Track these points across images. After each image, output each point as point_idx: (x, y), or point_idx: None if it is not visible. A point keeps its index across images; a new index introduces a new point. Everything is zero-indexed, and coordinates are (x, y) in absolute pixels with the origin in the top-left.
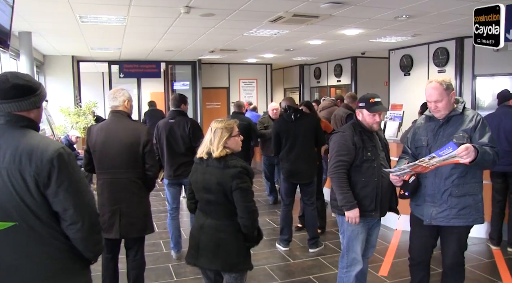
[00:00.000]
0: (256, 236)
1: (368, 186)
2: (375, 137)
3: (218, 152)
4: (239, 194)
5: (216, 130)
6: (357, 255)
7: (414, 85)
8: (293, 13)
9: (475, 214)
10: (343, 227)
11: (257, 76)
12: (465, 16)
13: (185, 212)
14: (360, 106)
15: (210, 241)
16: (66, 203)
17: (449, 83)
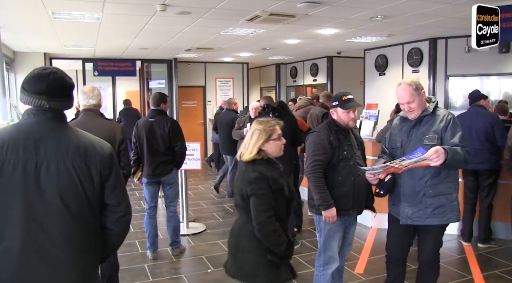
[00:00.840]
0: (283, 251)
1: (345, 185)
2: (350, 136)
3: (250, 155)
4: (253, 201)
5: (254, 132)
6: (334, 254)
7: (389, 85)
8: (270, 12)
9: (450, 213)
10: (320, 226)
11: (233, 75)
12: (438, 17)
13: (162, 212)
14: (334, 105)
15: (232, 245)
16: (122, 196)
17: (418, 83)
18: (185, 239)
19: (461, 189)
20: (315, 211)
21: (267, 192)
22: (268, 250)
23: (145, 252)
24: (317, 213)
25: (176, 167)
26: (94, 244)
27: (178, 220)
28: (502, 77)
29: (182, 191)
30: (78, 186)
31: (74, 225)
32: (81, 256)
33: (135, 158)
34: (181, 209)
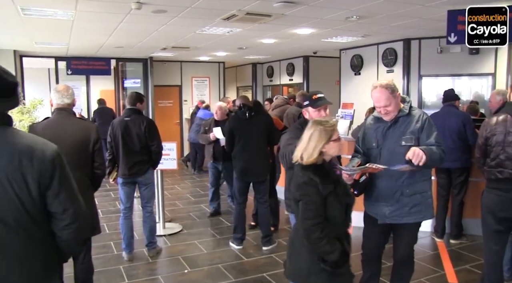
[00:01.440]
0: (335, 260)
1: None
2: None
3: (310, 159)
4: (300, 206)
5: (314, 133)
6: None
7: (364, 85)
8: (246, 12)
9: (425, 210)
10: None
11: (209, 74)
12: (412, 18)
13: (138, 212)
14: (305, 105)
15: (289, 247)
16: (67, 203)
17: (393, 86)
18: (162, 240)
19: (433, 186)
20: (291, 210)
21: (315, 198)
22: (320, 258)
23: (121, 254)
24: (293, 212)
25: (152, 167)
26: (43, 253)
27: (154, 221)
28: (472, 77)
29: (158, 191)
30: (13, 200)
31: (12, 237)
32: (24, 268)
33: (110, 158)
34: (157, 210)
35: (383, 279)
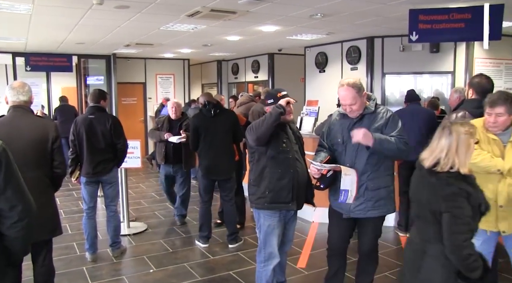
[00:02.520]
0: (478, 277)
1: (285, 177)
2: (288, 130)
3: (466, 168)
4: (447, 219)
5: (462, 137)
6: (274, 249)
7: (328, 82)
8: (211, 8)
9: (389, 205)
10: (260, 222)
11: (174, 71)
12: (375, 17)
13: (102, 212)
14: (270, 103)
15: (412, 261)
16: (15, 200)
17: (360, 85)
18: (126, 239)
19: (396, 182)
20: (254, 206)
21: (467, 210)
22: (458, 274)
23: (84, 254)
24: (256, 207)
25: (117, 165)
26: None
27: (118, 220)
28: (433, 75)
29: (122, 190)
30: None
31: None
32: None
33: (73, 156)
34: (122, 209)
35: (348, 274)
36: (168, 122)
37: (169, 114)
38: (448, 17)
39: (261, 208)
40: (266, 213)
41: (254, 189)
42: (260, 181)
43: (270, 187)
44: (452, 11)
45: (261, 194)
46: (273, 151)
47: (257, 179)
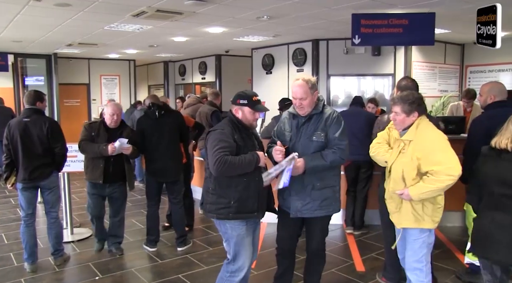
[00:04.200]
0: None
1: (250, 186)
2: (252, 136)
3: None
4: None
5: None
6: (246, 261)
7: (275, 83)
8: (157, 9)
9: (334, 204)
10: (227, 234)
11: (119, 72)
12: (319, 20)
13: (42, 219)
14: (242, 104)
15: (505, 235)
16: None
17: (314, 83)
18: (70, 246)
19: (343, 181)
20: (216, 217)
21: None
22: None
23: (22, 265)
24: (218, 218)
25: (57, 170)
26: None
27: (60, 227)
28: (375, 77)
29: (65, 195)
30: None
31: None
32: None
33: (8, 162)
34: (64, 215)
35: (297, 272)
36: (105, 130)
37: (106, 121)
38: (387, 22)
39: (224, 218)
40: (232, 223)
41: (213, 198)
42: (223, 191)
43: (236, 197)
44: (391, 17)
45: (225, 204)
46: None
47: (219, 188)
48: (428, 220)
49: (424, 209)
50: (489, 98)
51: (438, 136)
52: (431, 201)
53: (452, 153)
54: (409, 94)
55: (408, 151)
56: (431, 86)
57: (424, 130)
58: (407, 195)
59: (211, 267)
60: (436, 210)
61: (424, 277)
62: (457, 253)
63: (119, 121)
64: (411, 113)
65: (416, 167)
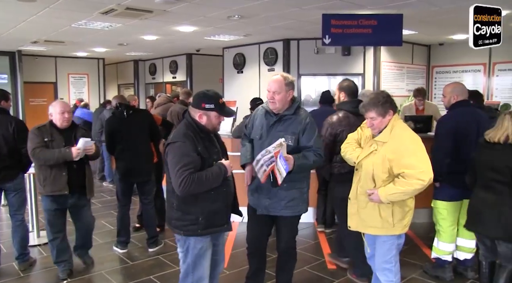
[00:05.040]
0: None
1: (219, 199)
2: (214, 141)
3: None
4: None
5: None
6: (204, 272)
7: (247, 83)
8: (126, 6)
9: (301, 205)
10: (187, 245)
11: (88, 71)
12: (290, 20)
13: (6, 222)
14: (208, 108)
15: (492, 213)
16: None
17: (291, 81)
18: (36, 250)
19: (314, 180)
20: (183, 233)
21: None
22: None
23: None
24: (186, 235)
25: (23, 171)
26: None
27: (26, 230)
28: (345, 77)
29: (31, 197)
30: None
31: None
32: None
33: None
34: (30, 217)
35: (269, 271)
36: (58, 133)
37: (56, 122)
38: (357, 23)
39: (192, 235)
40: (196, 237)
41: (178, 214)
42: (188, 207)
43: (204, 212)
44: (360, 18)
45: (192, 221)
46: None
47: (184, 205)
48: (398, 227)
49: (394, 216)
50: (453, 98)
51: (412, 139)
52: (400, 205)
53: (425, 157)
54: (377, 95)
55: (380, 152)
56: (399, 86)
57: (398, 132)
58: (376, 195)
59: None
60: (406, 214)
61: (393, 276)
62: (424, 248)
63: (71, 120)
64: (386, 113)
65: (387, 169)
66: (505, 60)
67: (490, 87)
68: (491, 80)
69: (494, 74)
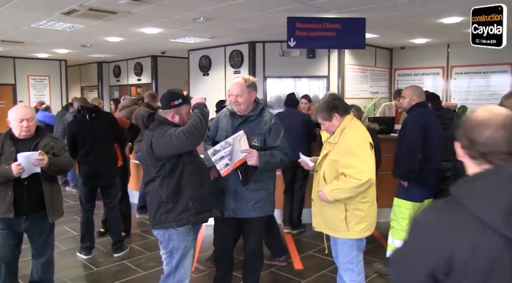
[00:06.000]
0: None
1: (205, 183)
2: None
3: None
4: None
5: None
6: (187, 271)
7: (212, 85)
8: (89, 7)
9: (268, 206)
10: (171, 246)
11: (49, 73)
12: (255, 23)
13: None
14: (177, 104)
15: None
16: None
17: (252, 82)
18: None
19: (280, 181)
20: (175, 225)
21: None
22: None
23: None
24: (179, 225)
25: None
26: None
27: None
28: (311, 79)
29: None
30: None
31: None
32: None
33: None
34: None
35: (236, 273)
36: (12, 144)
37: (14, 131)
38: (321, 26)
39: (185, 223)
40: (181, 233)
41: (169, 206)
42: (178, 195)
43: (194, 197)
44: (324, 21)
45: (183, 207)
46: (188, 157)
47: (173, 194)
48: (353, 231)
49: (348, 221)
50: (413, 100)
51: (356, 140)
52: (353, 209)
53: (366, 158)
54: (321, 102)
55: (331, 153)
56: (363, 88)
57: (346, 133)
58: (323, 192)
59: (149, 272)
60: (362, 220)
61: (357, 276)
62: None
63: (33, 129)
64: (332, 117)
65: (335, 169)
66: (461, 64)
67: (449, 90)
68: (449, 83)
69: (452, 77)
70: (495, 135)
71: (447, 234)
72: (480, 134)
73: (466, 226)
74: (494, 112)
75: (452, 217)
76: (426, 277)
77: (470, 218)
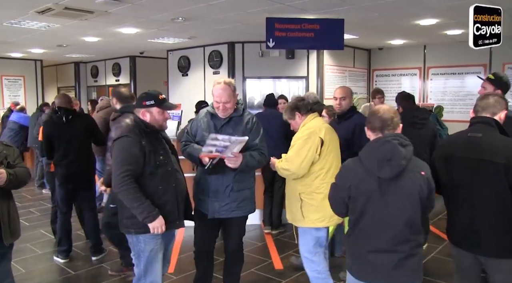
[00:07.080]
0: None
1: (167, 193)
2: (162, 140)
3: None
4: None
5: None
6: (157, 276)
7: (192, 86)
8: (65, 6)
9: (251, 205)
10: (138, 248)
11: (24, 73)
12: (234, 23)
13: None
14: (148, 105)
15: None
16: None
17: (235, 85)
18: None
19: (260, 182)
20: (133, 231)
21: None
22: None
23: None
24: (137, 232)
25: None
26: None
27: None
28: (290, 80)
29: None
30: None
31: None
32: None
33: None
34: None
35: (216, 274)
36: None
37: None
38: (300, 27)
39: (143, 232)
40: (147, 236)
41: (129, 212)
42: None
43: (155, 206)
44: (303, 22)
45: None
46: (150, 167)
47: None
48: (307, 221)
49: (303, 209)
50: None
51: (301, 136)
52: (307, 199)
53: (301, 152)
54: (287, 105)
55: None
56: None
57: (303, 129)
58: (273, 160)
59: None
60: (316, 210)
61: (317, 266)
62: None
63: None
64: (294, 116)
65: None
66: (437, 65)
67: (426, 90)
68: (426, 83)
69: (429, 78)
70: (375, 118)
71: (350, 173)
72: (373, 118)
73: (360, 170)
74: (378, 107)
75: (354, 164)
76: (344, 195)
77: (361, 165)
